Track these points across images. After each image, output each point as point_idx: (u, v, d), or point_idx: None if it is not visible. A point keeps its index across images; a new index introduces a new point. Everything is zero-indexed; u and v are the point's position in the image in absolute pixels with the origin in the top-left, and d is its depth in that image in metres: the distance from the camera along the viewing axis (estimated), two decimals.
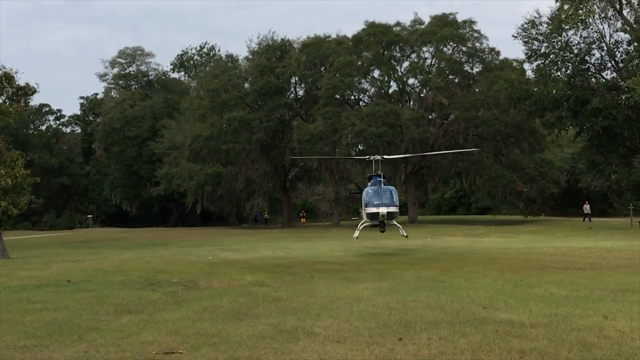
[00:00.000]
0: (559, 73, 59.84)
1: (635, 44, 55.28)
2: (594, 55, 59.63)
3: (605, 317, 12.62)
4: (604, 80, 59.40)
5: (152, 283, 19.54)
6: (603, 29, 58.10)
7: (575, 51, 58.86)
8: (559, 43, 58.66)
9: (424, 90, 74.91)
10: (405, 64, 75.94)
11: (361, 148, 73.14)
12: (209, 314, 13.70)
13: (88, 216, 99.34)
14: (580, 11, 53.50)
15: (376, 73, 76.20)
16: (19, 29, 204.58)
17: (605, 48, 58.46)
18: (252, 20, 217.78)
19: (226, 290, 17.65)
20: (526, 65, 65.74)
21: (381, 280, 19.33)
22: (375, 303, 14.60)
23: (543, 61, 59.90)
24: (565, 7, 54.63)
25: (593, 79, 59.87)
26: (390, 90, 77.52)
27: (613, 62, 59.27)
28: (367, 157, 34.12)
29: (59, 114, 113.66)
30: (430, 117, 74.92)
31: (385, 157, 34.36)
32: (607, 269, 22.35)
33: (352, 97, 78.49)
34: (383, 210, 28.17)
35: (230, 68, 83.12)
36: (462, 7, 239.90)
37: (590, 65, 59.80)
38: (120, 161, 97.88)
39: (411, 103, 77.31)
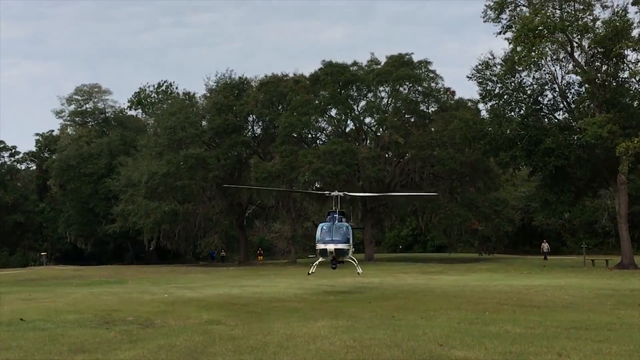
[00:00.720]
0: (512, 113, 60.84)
1: (587, 85, 56.59)
2: (546, 96, 60.89)
3: (559, 354, 12.84)
4: (556, 120, 60.62)
5: (106, 322, 19.32)
6: (555, 70, 59.47)
7: (529, 92, 60.03)
8: (513, 84, 59.77)
9: (381, 129, 75.66)
10: (362, 103, 76.70)
11: (318, 186, 73.39)
12: (165, 353, 13.61)
13: (42, 254, 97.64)
14: (533, 53, 54.62)
15: (333, 112, 76.77)
16: None
17: (557, 89, 59.75)
18: (210, 59, 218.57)
19: (182, 329, 17.54)
20: (481, 105, 66.86)
21: (338, 318, 19.37)
22: (332, 341, 14.64)
23: (497, 101, 60.88)
24: (518, 49, 55.73)
25: (546, 120, 61.03)
26: (347, 129, 78.08)
27: (565, 103, 60.55)
28: (328, 192, 34.24)
29: (13, 150, 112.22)
30: (386, 155, 75.60)
31: (346, 193, 34.56)
32: (561, 306, 22.70)
33: (310, 136, 78.88)
34: (331, 247, 28.36)
35: (188, 106, 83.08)
36: (418, 47, 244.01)
37: (543, 106, 61.00)
38: (76, 198, 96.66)
39: (368, 142, 77.96)
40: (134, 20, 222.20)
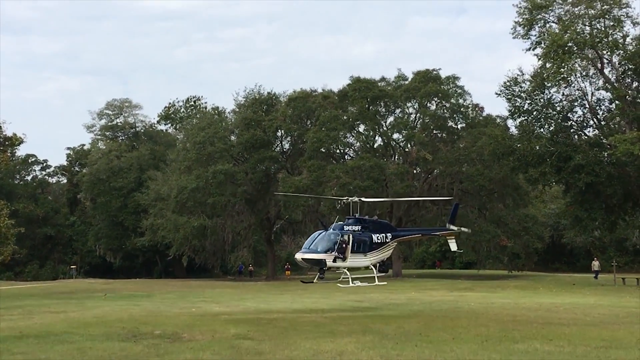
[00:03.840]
0: (542, 130, 60.45)
1: (617, 102, 56.13)
2: (576, 112, 60.40)
3: None
4: (586, 137, 60.05)
5: (134, 335, 19.45)
6: (585, 87, 58.99)
7: (558, 108, 59.60)
8: (542, 100, 59.39)
9: (409, 145, 75.51)
10: (390, 118, 76.70)
11: (358, 201, 73.15)
12: None
13: (72, 267, 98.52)
14: (562, 69, 54.34)
15: (361, 127, 76.86)
16: (10, 80, 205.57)
17: (587, 106, 59.24)
18: (242, 74, 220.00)
19: (209, 343, 17.61)
20: (509, 122, 66.46)
21: (365, 334, 19.33)
22: (359, 357, 14.62)
23: (526, 118, 60.53)
24: (548, 65, 55.48)
25: (576, 136, 60.53)
26: (375, 145, 78.07)
27: (595, 120, 60.03)
28: (346, 198, 34.11)
29: (45, 164, 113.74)
30: (415, 171, 75.43)
31: (363, 199, 34.33)
32: (591, 325, 22.46)
33: (338, 151, 78.96)
34: (299, 256, 28.42)
35: (217, 121, 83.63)
36: (449, 63, 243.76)
37: (573, 123, 60.52)
38: (106, 212, 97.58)
39: (396, 157, 77.82)
40: (167, 36, 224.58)
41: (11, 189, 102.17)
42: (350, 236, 29.69)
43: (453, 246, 34.97)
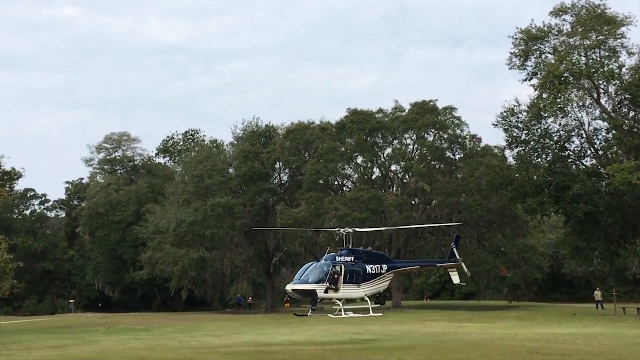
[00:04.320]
0: (539, 159, 60.59)
1: (614, 131, 56.37)
2: (573, 142, 60.51)
3: None
4: (584, 166, 60.14)
5: None
6: (582, 116, 59.19)
7: (555, 138, 59.78)
8: (539, 130, 59.57)
9: (407, 176, 75.68)
10: (388, 150, 76.97)
11: (351, 232, 73.10)
12: None
13: (70, 301, 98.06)
14: (559, 100, 54.64)
15: (359, 159, 77.08)
16: (9, 114, 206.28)
17: (584, 135, 59.44)
18: (239, 106, 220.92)
19: None
20: (507, 152, 66.63)
21: None
22: None
23: (523, 148, 60.69)
24: (544, 95, 55.80)
25: (573, 166, 60.65)
26: (374, 176, 78.24)
27: (592, 149, 60.20)
28: (337, 229, 34.09)
29: (43, 198, 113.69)
30: (413, 202, 75.47)
31: (356, 229, 34.24)
32: (592, 355, 22.41)
33: (336, 183, 79.12)
34: (289, 287, 28.44)
35: (215, 154, 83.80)
36: (446, 94, 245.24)
37: (570, 152, 60.68)
38: (104, 245, 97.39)
39: (394, 188, 77.92)
40: (165, 69, 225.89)
41: (10, 223, 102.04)
42: (343, 267, 29.60)
43: (455, 279, 34.75)
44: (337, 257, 30.08)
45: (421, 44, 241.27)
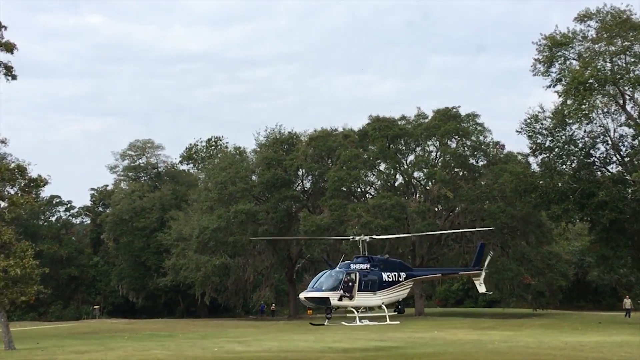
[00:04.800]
0: (564, 166, 60.21)
1: None
2: (598, 149, 60.06)
3: None
4: (609, 173, 59.55)
5: None
6: (607, 123, 58.72)
7: (580, 145, 59.35)
8: (563, 137, 59.18)
9: (430, 183, 75.40)
10: (411, 157, 76.80)
11: (367, 240, 73.01)
12: None
13: (95, 307, 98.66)
14: (584, 106, 54.29)
15: (382, 166, 76.92)
16: (35, 122, 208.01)
17: (609, 142, 58.95)
18: (262, 113, 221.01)
19: None
20: (531, 159, 66.14)
21: None
22: None
23: (548, 155, 60.29)
24: (569, 102, 55.48)
25: (599, 173, 60.14)
26: (396, 183, 78.02)
27: (618, 156, 59.66)
28: (352, 237, 33.85)
29: (69, 205, 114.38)
30: (436, 209, 75.17)
31: (373, 237, 33.87)
32: None
33: (359, 190, 78.97)
34: (302, 295, 28.15)
35: (238, 161, 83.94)
36: (469, 100, 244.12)
37: (596, 159, 60.20)
38: (128, 252, 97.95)
39: (417, 196, 77.68)
40: (188, 77, 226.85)
41: (36, 230, 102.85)
42: (357, 274, 29.23)
43: (481, 288, 33.91)
44: (352, 265, 29.82)
45: (444, 51, 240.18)
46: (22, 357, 25.78)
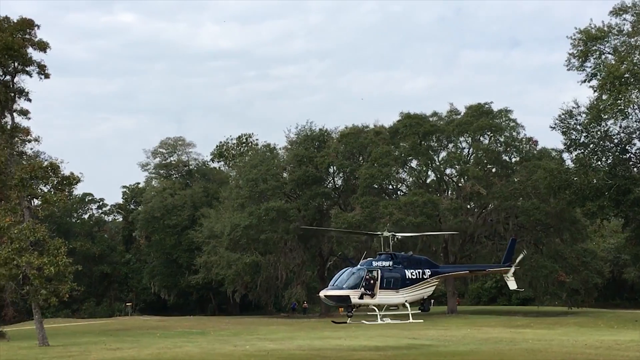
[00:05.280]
0: (599, 162, 59.37)
1: None
2: (635, 144, 59.15)
3: None
4: None
5: None
6: None
7: (616, 141, 58.52)
8: (599, 133, 58.36)
9: (462, 180, 74.77)
10: (443, 153, 76.17)
11: (399, 237, 72.63)
12: None
13: (127, 304, 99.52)
14: (619, 101, 53.45)
15: (414, 163, 76.48)
16: (68, 120, 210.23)
17: None
18: (293, 110, 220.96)
19: None
20: (565, 155, 65.36)
21: None
22: None
23: (582, 151, 59.52)
24: (604, 97, 54.67)
25: (635, 169, 59.25)
26: (428, 180, 77.52)
27: None
28: (378, 233, 33.39)
29: (101, 202, 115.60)
30: (468, 206, 74.53)
31: (395, 234, 33.17)
32: None
33: (390, 187, 78.62)
34: (322, 293, 27.74)
35: (269, 158, 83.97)
36: (503, 96, 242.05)
37: (632, 155, 59.30)
38: (160, 249, 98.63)
39: (449, 192, 77.08)
40: (220, 74, 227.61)
41: (69, 227, 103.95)
42: (379, 272, 28.63)
43: (512, 285, 33.27)
44: (374, 262, 29.28)
45: (477, 46, 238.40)
46: (56, 354, 25.91)
